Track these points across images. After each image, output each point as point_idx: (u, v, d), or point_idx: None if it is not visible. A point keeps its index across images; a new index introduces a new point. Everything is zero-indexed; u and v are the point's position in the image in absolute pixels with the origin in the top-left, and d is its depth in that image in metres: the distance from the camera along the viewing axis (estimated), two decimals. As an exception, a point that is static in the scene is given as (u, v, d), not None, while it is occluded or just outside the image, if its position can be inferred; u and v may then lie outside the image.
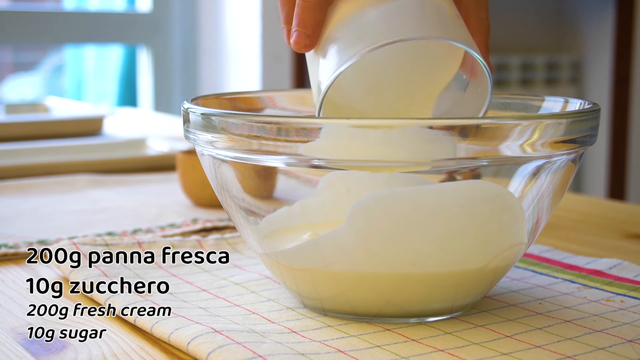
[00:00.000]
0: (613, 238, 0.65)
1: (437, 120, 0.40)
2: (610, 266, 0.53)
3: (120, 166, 0.93)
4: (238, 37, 1.99)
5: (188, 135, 0.46)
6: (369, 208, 0.41)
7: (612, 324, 0.44)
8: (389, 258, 0.42)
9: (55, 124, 1.18)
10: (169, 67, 2.09)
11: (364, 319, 0.44)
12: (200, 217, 0.69)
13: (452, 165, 0.41)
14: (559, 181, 0.44)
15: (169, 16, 2.08)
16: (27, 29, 1.91)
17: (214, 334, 0.40)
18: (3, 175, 0.86)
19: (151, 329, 0.43)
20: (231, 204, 0.46)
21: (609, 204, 0.83)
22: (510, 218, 0.43)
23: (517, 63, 2.35)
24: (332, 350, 0.40)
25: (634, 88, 2.33)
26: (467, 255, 0.43)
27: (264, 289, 0.50)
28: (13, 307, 0.48)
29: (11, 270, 0.55)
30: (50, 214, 0.71)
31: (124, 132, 1.24)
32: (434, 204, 0.41)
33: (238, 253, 0.57)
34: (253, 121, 0.41)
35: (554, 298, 0.48)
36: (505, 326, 0.44)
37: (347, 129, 0.40)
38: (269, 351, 0.39)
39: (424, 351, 0.40)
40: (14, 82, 2.83)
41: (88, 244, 0.55)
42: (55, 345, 0.42)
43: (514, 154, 0.40)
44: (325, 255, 0.43)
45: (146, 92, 2.11)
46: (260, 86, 1.92)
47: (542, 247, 0.59)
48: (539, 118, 0.41)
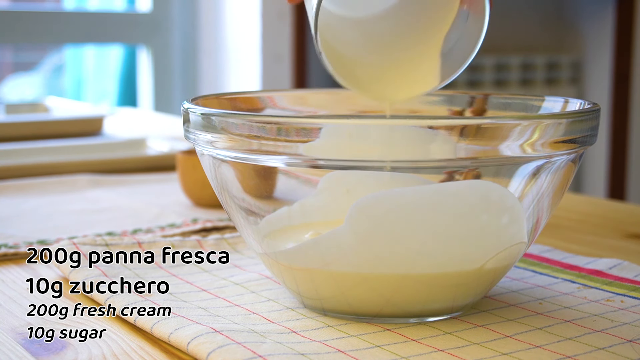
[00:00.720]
0: (613, 238, 0.65)
1: (437, 121, 0.40)
2: (610, 266, 0.53)
3: (120, 166, 0.93)
4: (238, 37, 1.99)
5: (188, 135, 0.46)
6: (369, 208, 0.41)
7: (612, 324, 0.44)
8: (389, 258, 0.42)
9: (55, 124, 1.18)
10: (169, 67, 2.09)
11: (364, 319, 0.44)
12: (200, 217, 0.69)
13: (452, 165, 0.41)
14: (559, 181, 0.44)
15: (169, 16, 2.08)
16: (27, 29, 1.91)
17: (214, 334, 0.40)
18: (3, 175, 0.86)
19: (151, 329, 0.43)
20: (231, 204, 0.46)
21: (609, 204, 0.83)
22: (510, 218, 0.43)
23: (517, 63, 2.35)
24: (332, 350, 0.40)
25: (634, 88, 2.33)
26: (467, 255, 0.43)
27: (264, 289, 0.50)
28: (13, 307, 0.48)
29: (11, 270, 0.55)
30: (50, 214, 0.71)
31: (124, 132, 1.24)
32: (434, 204, 0.41)
33: (238, 253, 0.57)
34: (253, 121, 0.41)
35: (554, 298, 0.48)
36: (505, 326, 0.44)
37: (347, 129, 0.40)
38: (269, 351, 0.39)
39: (424, 351, 0.40)
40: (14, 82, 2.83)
41: (88, 244, 0.55)
42: (55, 345, 0.42)
43: (514, 154, 0.40)
44: (325, 255, 0.43)
45: (146, 92, 2.11)
46: (260, 86, 1.92)
47: (542, 247, 0.59)
48: (539, 118, 0.41)
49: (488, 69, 2.31)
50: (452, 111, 0.57)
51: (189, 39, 2.09)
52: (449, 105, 0.58)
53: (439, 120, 0.40)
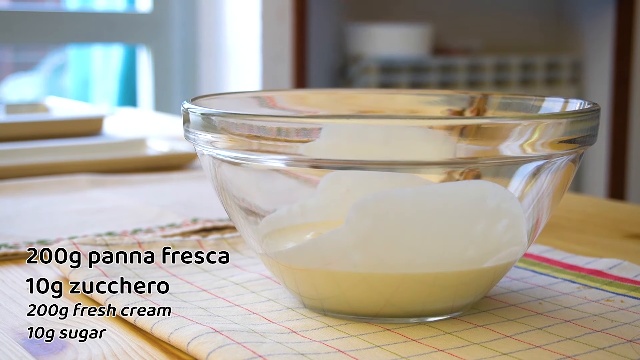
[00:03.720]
0: (613, 238, 0.65)
1: (437, 121, 0.40)
2: (610, 266, 0.53)
3: (120, 166, 0.93)
4: (238, 37, 1.99)
5: (188, 135, 0.46)
6: (369, 208, 0.41)
7: (612, 324, 0.44)
8: (389, 258, 0.42)
9: (55, 124, 1.18)
10: (169, 67, 2.09)
11: (364, 319, 0.44)
12: (200, 217, 0.69)
13: (452, 165, 0.41)
14: (559, 181, 0.44)
15: (169, 16, 2.08)
16: (27, 29, 1.91)
17: (214, 334, 0.40)
18: (3, 175, 0.86)
19: (151, 329, 0.43)
20: (231, 204, 0.46)
21: (609, 204, 0.83)
22: (510, 218, 0.43)
23: (517, 63, 2.35)
24: (332, 350, 0.40)
25: (634, 88, 2.33)
26: (467, 255, 0.43)
27: (264, 289, 0.50)
28: (13, 307, 0.48)
29: (11, 270, 0.55)
30: (50, 214, 0.71)
31: (124, 132, 1.24)
32: (434, 204, 0.41)
33: (238, 253, 0.57)
34: (253, 121, 0.41)
35: (554, 298, 0.48)
36: (505, 326, 0.44)
37: (347, 129, 0.40)
38: (269, 351, 0.39)
39: (424, 351, 0.40)
40: (14, 82, 2.83)
41: (88, 244, 0.55)
42: (55, 345, 0.42)
43: (514, 154, 0.40)
44: (325, 255, 0.43)
45: (146, 92, 2.11)
46: (260, 86, 1.92)
47: (542, 247, 0.59)
48: (539, 118, 0.41)
49: (488, 69, 2.31)
50: (452, 111, 0.57)
51: (189, 39, 2.09)
52: (449, 105, 0.58)
53: (439, 120, 0.40)
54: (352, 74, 2.17)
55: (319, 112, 0.58)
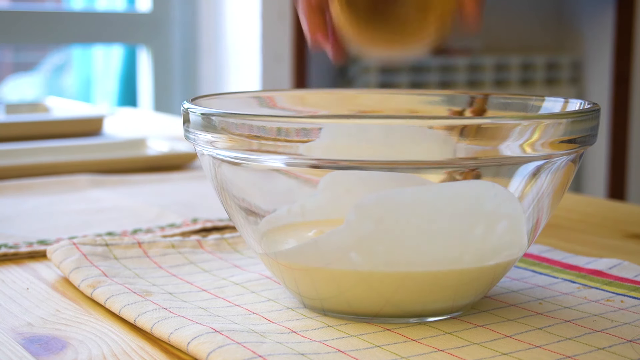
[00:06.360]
0: (613, 238, 0.65)
1: (437, 120, 0.40)
2: (610, 266, 0.53)
3: (120, 166, 0.93)
4: (238, 37, 1.99)
5: (188, 135, 0.46)
6: (369, 208, 0.41)
7: (612, 324, 0.44)
8: (389, 258, 0.42)
9: (55, 124, 1.18)
10: (169, 67, 2.10)
11: (364, 319, 0.44)
12: (200, 217, 0.69)
13: (452, 165, 0.41)
14: (559, 181, 0.44)
15: (169, 16, 2.08)
16: (27, 29, 1.91)
17: (214, 334, 0.40)
18: (3, 175, 0.86)
19: (151, 329, 0.43)
20: (231, 204, 0.46)
21: (609, 204, 0.83)
22: (510, 218, 0.43)
23: (517, 63, 2.35)
24: (332, 350, 0.40)
25: (634, 88, 2.33)
26: (467, 255, 0.43)
27: (264, 289, 0.50)
28: (13, 307, 0.48)
29: (11, 270, 0.55)
30: (50, 214, 0.71)
31: (124, 132, 1.24)
32: (434, 204, 0.41)
33: (238, 253, 0.57)
34: (253, 121, 0.41)
35: (554, 298, 0.48)
36: (505, 326, 0.44)
37: (348, 129, 0.40)
38: (268, 351, 0.39)
39: (424, 351, 0.40)
40: (14, 82, 2.83)
41: (88, 244, 0.55)
42: (55, 345, 0.42)
43: (514, 154, 0.40)
44: (326, 255, 0.43)
45: (146, 92, 2.11)
46: (260, 86, 1.92)
47: (542, 247, 0.59)
48: (539, 118, 0.41)
49: (488, 69, 2.31)
50: (452, 111, 0.57)
51: (189, 39, 2.09)
52: (449, 105, 0.58)
53: (439, 120, 0.40)
54: (352, 74, 2.17)
55: (319, 112, 0.58)
